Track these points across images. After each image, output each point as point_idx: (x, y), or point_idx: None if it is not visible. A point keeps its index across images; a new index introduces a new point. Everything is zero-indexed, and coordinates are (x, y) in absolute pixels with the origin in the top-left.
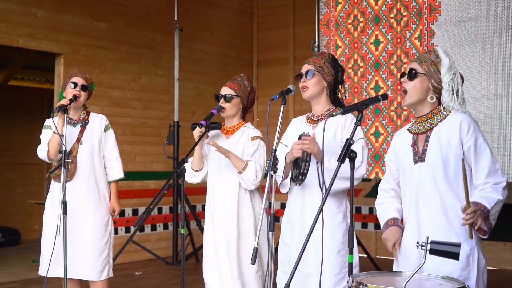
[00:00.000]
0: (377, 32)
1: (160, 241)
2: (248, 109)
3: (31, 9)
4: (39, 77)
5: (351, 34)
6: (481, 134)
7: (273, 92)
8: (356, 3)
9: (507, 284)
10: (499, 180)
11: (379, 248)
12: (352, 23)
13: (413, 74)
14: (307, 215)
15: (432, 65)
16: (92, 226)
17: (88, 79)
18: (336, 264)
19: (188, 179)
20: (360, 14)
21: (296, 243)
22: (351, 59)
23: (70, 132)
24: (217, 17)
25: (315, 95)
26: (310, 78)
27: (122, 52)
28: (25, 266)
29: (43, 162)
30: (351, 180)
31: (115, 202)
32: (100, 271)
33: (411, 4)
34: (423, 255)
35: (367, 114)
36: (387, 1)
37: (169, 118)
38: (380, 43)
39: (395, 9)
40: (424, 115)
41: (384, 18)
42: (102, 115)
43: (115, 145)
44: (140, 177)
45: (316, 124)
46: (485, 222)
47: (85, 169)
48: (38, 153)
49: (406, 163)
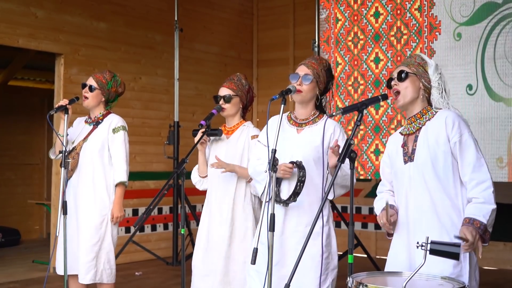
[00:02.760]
0: (377, 50)
1: (160, 241)
2: (248, 107)
3: (31, 9)
4: (39, 77)
5: (351, 51)
6: (467, 130)
7: (273, 92)
8: (356, 20)
9: (507, 284)
10: (484, 178)
11: (379, 248)
12: (352, 40)
13: (405, 75)
14: (290, 218)
15: (419, 66)
16: (82, 225)
17: (104, 78)
18: (319, 266)
19: (198, 187)
20: (360, 31)
21: (275, 245)
22: (351, 76)
23: (84, 131)
24: (217, 17)
25: (307, 100)
26: (307, 84)
27: (122, 52)
28: (25, 266)
29: (43, 162)
30: (351, 180)
31: (116, 207)
32: (84, 273)
33: (411, 22)
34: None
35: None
36: (387, 19)
37: (169, 118)
38: (380, 61)
39: (395, 27)
40: (414, 115)
41: (384, 36)
42: (118, 117)
43: (120, 148)
44: (140, 177)
45: (302, 128)
46: (484, 236)
47: (85, 167)
48: None
49: (398, 165)
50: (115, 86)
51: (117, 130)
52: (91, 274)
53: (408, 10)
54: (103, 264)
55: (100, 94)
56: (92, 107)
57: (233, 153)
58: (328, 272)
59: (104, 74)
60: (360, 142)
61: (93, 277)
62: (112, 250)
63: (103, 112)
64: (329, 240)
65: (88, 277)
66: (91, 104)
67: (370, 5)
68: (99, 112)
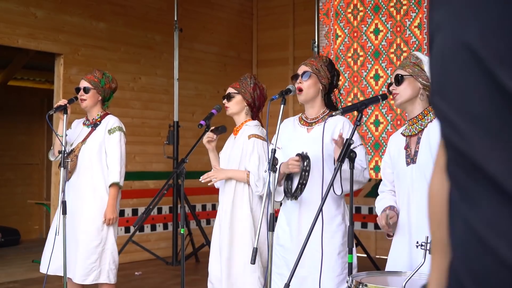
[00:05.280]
0: (377, 21)
1: (160, 241)
2: (257, 106)
3: (31, 9)
4: (38, 77)
5: (350, 24)
6: None
7: (273, 92)
8: (356, 37)
9: None
10: None
11: (379, 248)
12: (351, 12)
13: (400, 78)
14: (306, 217)
15: (414, 66)
16: (83, 227)
17: (95, 77)
18: (336, 266)
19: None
20: (359, 3)
21: (293, 245)
22: (350, 48)
23: (82, 133)
24: (216, 17)
25: (310, 98)
26: (306, 80)
27: (121, 52)
28: (25, 266)
29: (42, 162)
30: (350, 180)
31: (109, 209)
32: (85, 275)
33: (411, 40)
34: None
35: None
36: (387, 36)
37: (169, 118)
38: (380, 32)
39: (395, 44)
40: (415, 116)
41: (384, 7)
42: (115, 118)
43: (115, 148)
44: (140, 177)
45: (312, 127)
46: None
47: (84, 169)
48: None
49: (400, 166)
50: (108, 82)
51: (113, 131)
52: (94, 275)
53: (408, 28)
54: (108, 264)
55: (96, 93)
56: (91, 107)
57: (235, 153)
58: (347, 270)
59: (94, 73)
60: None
61: (97, 277)
62: (116, 250)
63: (101, 114)
64: (346, 238)
65: (90, 278)
66: (89, 104)
67: (370, 22)
68: (96, 114)
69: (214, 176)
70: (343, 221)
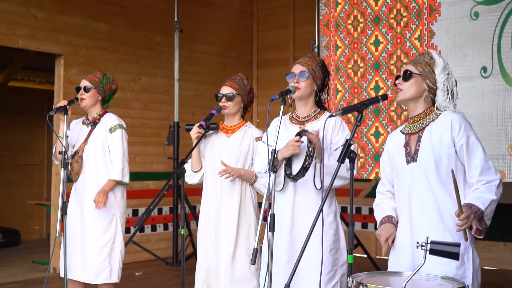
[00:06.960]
0: (377, 33)
1: (160, 241)
2: (248, 108)
3: (31, 10)
4: (39, 78)
5: (351, 35)
6: (473, 133)
7: (273, 93)
8: (356, 3)
9: (507, 284)
10: (492, 178)
11: (379, 248)
12: (352, 24)
13: (408, 75)
14: (298, 215)
15: (426, 66)
16: (91, 226)
17: (96, 77)
18: (327, 262)
19: (187, 180)
20: (360, 14)
21: (284, 243)
22: (351, 59)
23: (82, 133)
24: (217, 18)
25: (305, 97)
26: (304, 80)
27: (122, 52)
28: (25, 267)
29: (43, 163)
30: (350, 180)
31: (99, 193)
32: (95, 274)
33: (411, 4)
34: (416, 256)
35: (367, 115)
36: (387, 2)
37: (169, 119)
38: (380, 44)
39: (395, 9)
40: (417, 115)
41: (384, 18)
42: (115, 116)
43: (117, 146)
44: (140, 178)
45: (304, 125)
46: (479, 223)
47: (89, 169)
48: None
49: (399, 164)
50: (109, 83)
51: (114, 129)
52: (105, 273)
53: (408, 40)
54: (118, 263)
55: (96, 93)
56: (90, 106)
57: (237, 154)
58: (337, 267)
59: (95, 74)
60: (360, 170)
61: (108, 276)
62: (123, 249)
63: (100, 112)
64: (337, 236)
65: (101, 277)
66: (89, 103)
67: (370, 33)
68: (96, 112)
69: (228, 172)
70: (335, 219)
